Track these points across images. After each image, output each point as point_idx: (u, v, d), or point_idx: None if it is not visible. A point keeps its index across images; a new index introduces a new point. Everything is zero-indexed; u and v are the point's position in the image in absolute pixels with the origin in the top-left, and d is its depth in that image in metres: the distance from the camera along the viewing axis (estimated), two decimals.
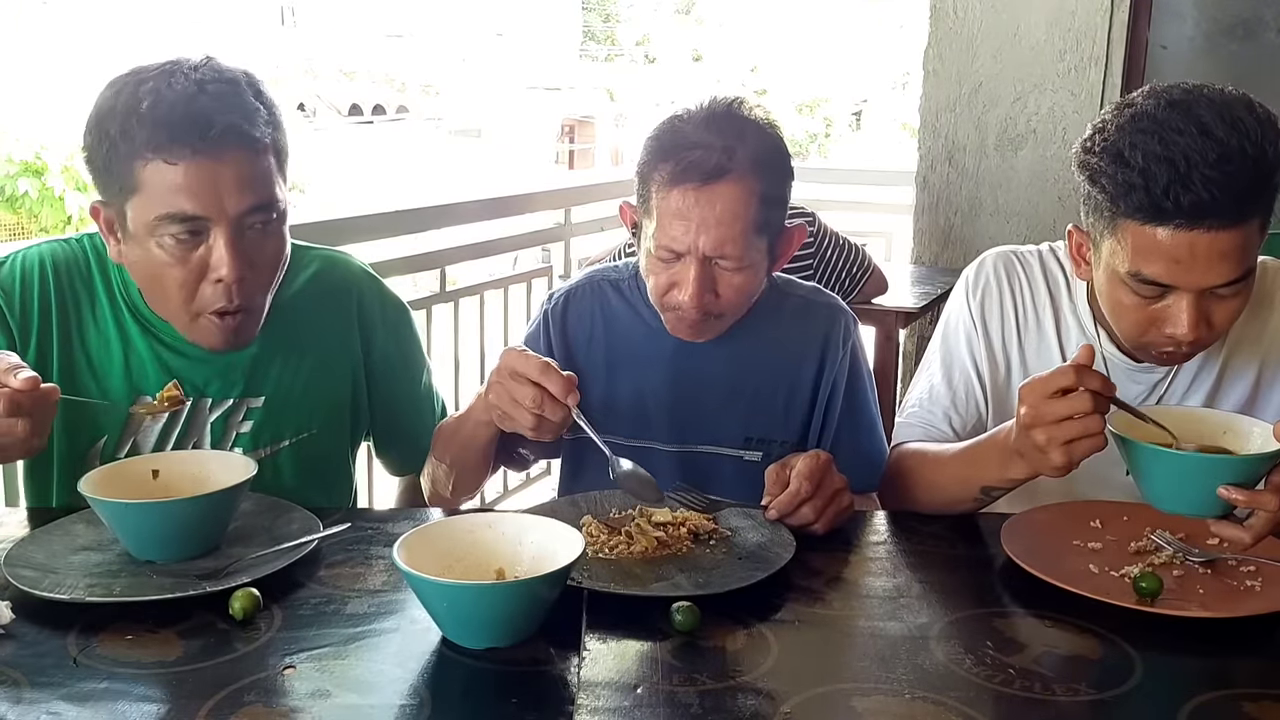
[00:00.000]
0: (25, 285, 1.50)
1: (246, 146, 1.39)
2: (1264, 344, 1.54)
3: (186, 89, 1.37)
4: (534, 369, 1.35)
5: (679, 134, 1.49)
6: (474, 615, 1.10)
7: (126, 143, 1.36)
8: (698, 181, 1.45)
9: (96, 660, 1.08)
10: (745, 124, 1.50)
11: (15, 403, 1.20)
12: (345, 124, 19.57)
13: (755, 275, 1.53)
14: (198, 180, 1.36)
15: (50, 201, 11.51)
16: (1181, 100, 1.33)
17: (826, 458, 1.41)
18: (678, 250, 1.48)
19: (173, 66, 1.40)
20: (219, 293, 1.42)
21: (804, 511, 1.37)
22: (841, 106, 24.63)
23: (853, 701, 1.03)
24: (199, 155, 1.36)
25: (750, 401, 1.63)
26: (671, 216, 1.47)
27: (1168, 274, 1.34)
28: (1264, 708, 1.03)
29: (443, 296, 3.19)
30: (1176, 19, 3.82)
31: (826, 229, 3.03)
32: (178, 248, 1.39)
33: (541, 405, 1.35)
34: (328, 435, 1.63)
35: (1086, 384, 1.24)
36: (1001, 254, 1.65)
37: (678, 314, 1.53)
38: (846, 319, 1.68)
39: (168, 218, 1.37)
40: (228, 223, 1.39)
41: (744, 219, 1.46)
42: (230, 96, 1.39)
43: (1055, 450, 1.25)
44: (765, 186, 1.48)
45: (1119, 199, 1.33)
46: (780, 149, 1.54)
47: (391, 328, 1.69)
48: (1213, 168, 1.27)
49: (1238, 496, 1.20)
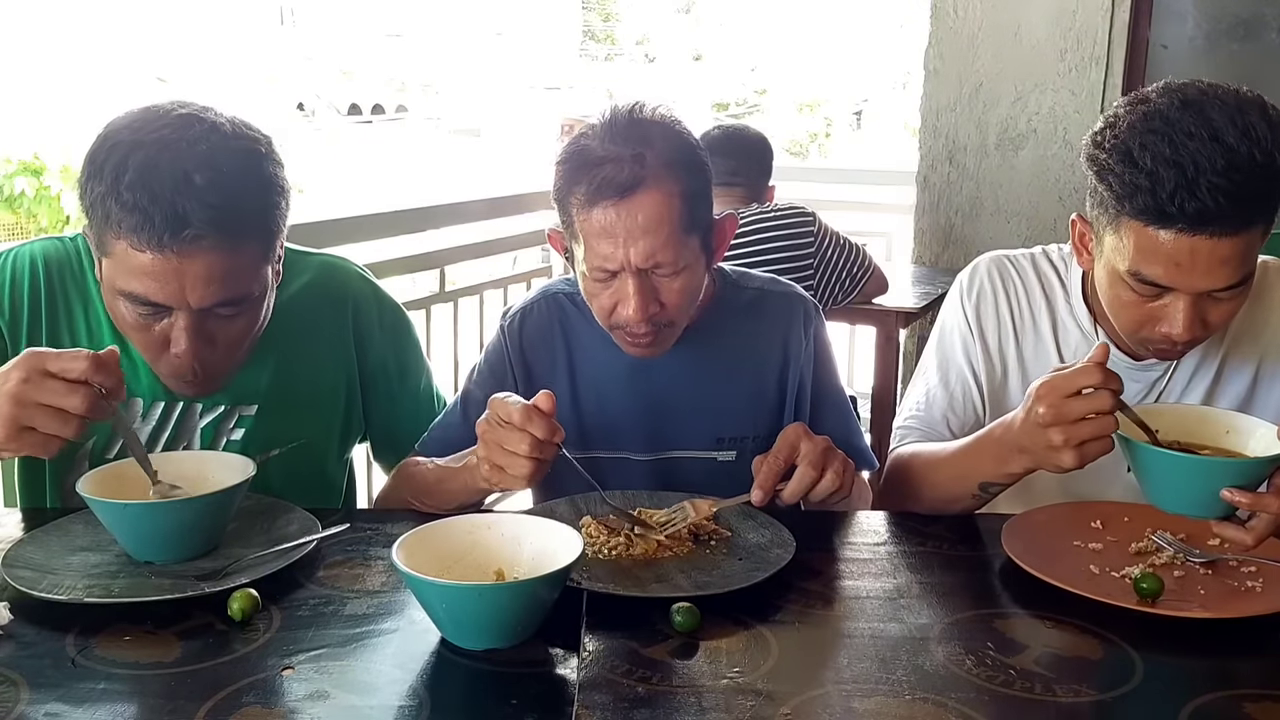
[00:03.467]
0: (16, 283, 1.50)
1: (222, 247, 1.32)
2: (1262, 342, 1.54)
3: (173, 175, 1.29)
4: (519, 415, 1.29)
5: (586, 152, 1.46)
6: (473, 616, 1.10)
7: (103, 211, 1.32)
8: (615, 196, 1.42)
9: (95, 661, 1.08)
10: (649, 127, 1.48)
11: (98, 365, 1.20)
12: (345, 123, 19.57)
13: (694, 275, 1.50)
14: (163, 272, 1.31)
15: (48, 201, 11.50)
16: (1195, 101, 1.32)
17: (799, 425, 1.41)
18: (611, 268, 1.46)
19: (172, 135, 1.31)
20: (177, 364, 1.39)
21: (802, 472, 1.35)
22: (841, 106, 24.61)
23: (853, 702, 1.03)
24: (167, 251, 1.30)
25: (717, 402, 1.61)
26: (597, 236, 1.45)
27: (1167, 276, 1.34)
28: (1265, 708, 1.03)
29: (442, 296, 3.19)
30: (1177, 19, 3.82)
31: (826, 229, 3.03)
32: (140, 319, 1.37)
33: (540, 450, 1.29)
34: (319, 443, 1.62)
35: (1108, 384, 1.24)
36: (995, 258, 1.66)
37: (626, 332, 1.50)
38: (806, 306, 1.66)
39: (130, 296, 1.34)
40: (189, 311, 1.35)
41: (669, 223, 1.44)
42: (217, 192, 1.30)
43: (1069, 451, 1.25)
44: (684, 185, 1.45)
45: (1124, 199, 1.33)
46: (690, 145, 1.51)
47: (389, 334, 1.68)
48: (1220, 175, 1.27)
49: (1240, 499, 1.20)
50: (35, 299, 1.50)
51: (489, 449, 1.32)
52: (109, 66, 13.02)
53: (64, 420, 1.20)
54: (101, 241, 1.35)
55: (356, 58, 21.43)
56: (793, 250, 2.96)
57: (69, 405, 1.19)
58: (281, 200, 1.40)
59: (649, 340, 1.51)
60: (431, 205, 3.34)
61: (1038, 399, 1.28)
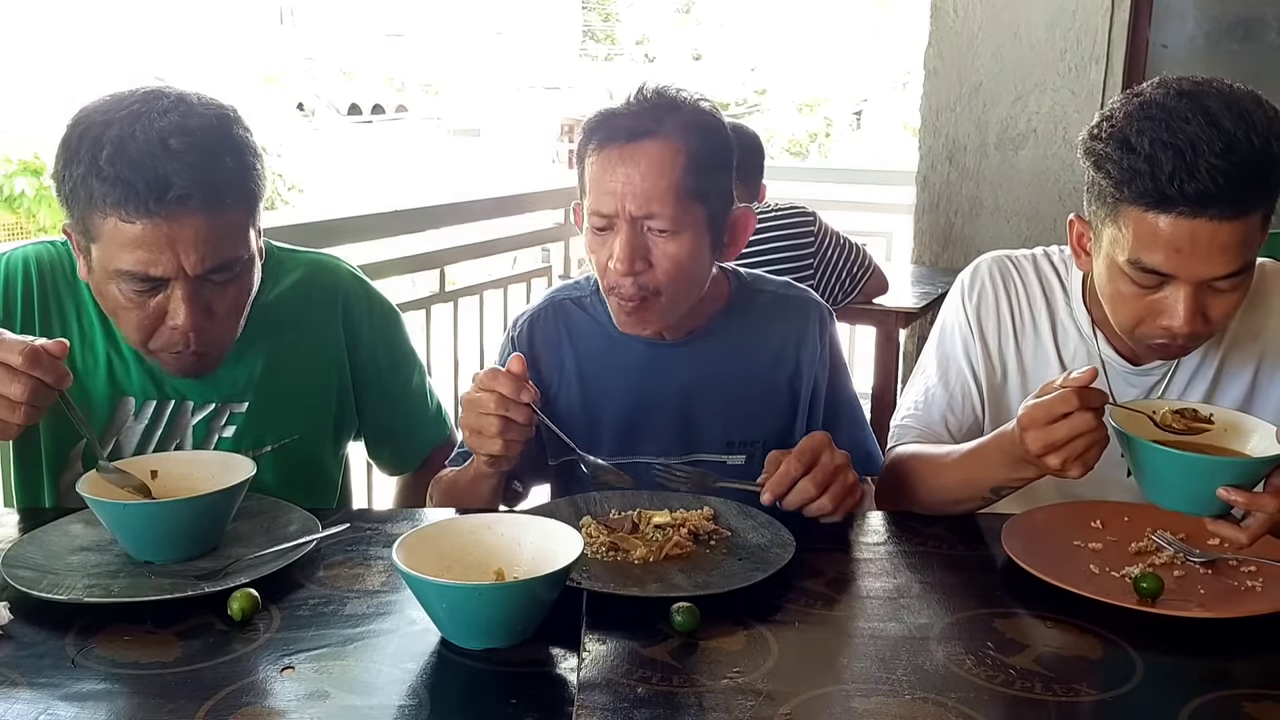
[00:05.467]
0: (9, 286, 1.50)
1: (208, 208, 1.34)
2: (1260, 344, 1.54)
3: (149, 142, 1.31)
4: (486, 377, 1.35)
5: (609, 109, 1.50)
6: (473, 616, 1.10)
7: (85, 191, 1.33)
8: (623, 141, 1.45)
9: (95, 661, 1.08)
10: (676, 99, 1.50)
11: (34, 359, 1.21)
12: (344, 123, 19.59)
13: (691, 246, 1.47)
14: (155, 240, 1.33)
15: (48, 200, 11.50)
16: (1191, 91, 1.33)
17: (823, 436, 1.40)
18: (606, 212, 1.46)
19: (142, 108, 1.34)
20: (176, 337, 1.40)
21: (804, 485, 1.36)
22: (842, 106, 24.61)
23: (853, 702, 1.03)
24: (155, 217, 1.31)
25: (728, 405, 1.60)
26: (599, 180, 1.46)
27: (1167, 263, 1.34)
28: (1265, 708, 1.03)
29: (442, 296, 3.18)
30: (1177, 18, 3.82)
31: (827, 228, 3.03)
32: (136, 296, 1.38)
33: (506, 407, 1.34)
34: (310, 440, 1.62)
35: (1088, 404, 1.25)
36: (996, 259, 1.65)
37: (617, 294, 1.49)
38: (821, 312, 1.66)
39: (125, 274, 1.35)
40: (185, 279, 1.36)
41: (670, 176, 1.43)
42: (195, 153, 1.33)
43: (1073, 466, 1.27)
44: (695, 148, 1.45)
45: (1123, 184, 1.33)
46: (713, 120, 1.51)
47: (379, 331, 1.68)
48: (1219, 157, 1.27)
49: (1236, 498, 1.21)
50: (28, 302, 1.50)
51: (466, 415, 1.38)
52: (109, 67, 13.00)
53: (10, 407, 1.23)
54: (88, 227, 1.36)
55: (356, 58, 21.45)
56: (793, 250, 2.96)
57: (11, 394, 1.22)
58: (257, 163, 1.42)
59: (634, 304, 1.49)
60: (431, 205, 3.33)
61: (1023, 431, 1.29)
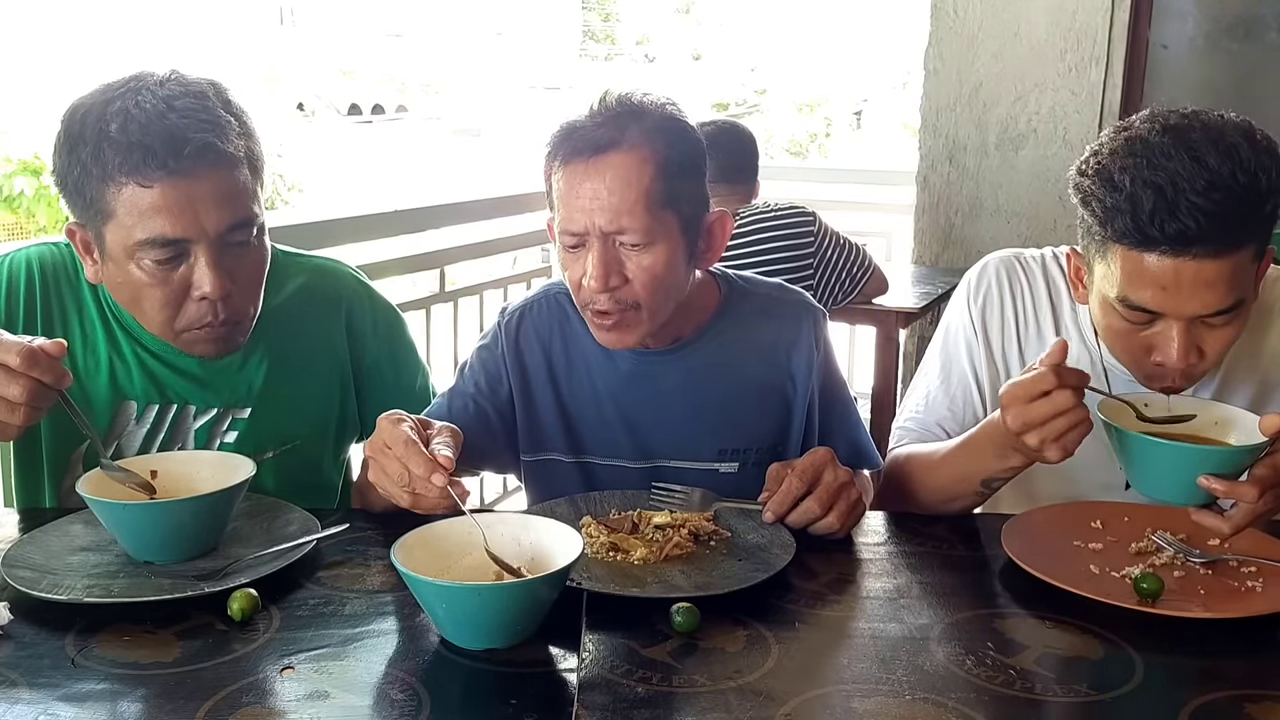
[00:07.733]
0: (12, 288, 1.50)
1: (222, 163, 1.36)
2: (1263, 358, 1.53)
3: (155, 107, 1.33)
4: (399, 444, 1.23)
5: (572, 122, 1.46)
6: (473, 616, 1.10)
7: (98, 167, 1.34)
8: (588, 154, 1.40)
9: (94, 661, 1.08)
10: (640, 105, 1.45)
11: (32, 359, 1.20)
12: (345, 123, 19.57)
13: (666, 256, 1.43)
14: (175, 201, 1.34)
15: (48, 200, 11.50)
16: (1177, 125, 1.32)
17: (826, 452, 1.39)
18: (576, 231, 1.42)
19: (137, 83, 1.36)
20: (204, 310, 1.41)
21: (808, 506, 1.35)
22: (841, 106, 24.59)
23: (853, 703, 1.03)
24: (174, 175, 1.33)
25: (720, 412, 1.57)
26: (567, 197, 1.42)
27: (1155, 300, 1.33)
28: (1265, 708, 1.03)
29: (442, 296, 3.19)
30: (1177, 19, 3.83)
31: (826, 228, 3.03)
32: (159, 269, 1.38)
33: (410, 484, 1.23)
34: (312, 446, 1.62)
35: (1065, 382, 1.24)
36: (1004, 259, 1.64)
37: (593, 310, 1.46)
38: (815, 315, 1.63)
39: (148, 243, 1.35)
40: (208, 242, 1.37)
41: (638, 187, 1.39)
42: (200, 112, 1.36)
43: (1049, 447, 1.26)
44: (663, 155, 1.41)
45: (1107, 223, 1.33)
46: (679, 124, 1.47)
47: (383, 336, 1.68)
48: (1200, 195, 1.26)
49: (1217, 486, 1.21)
50: (30, 303, 1.50)
51: (374, 474, 1.28)
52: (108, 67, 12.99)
53: (10, 408, 1.22)
54: (102, 206, 1.36)
55: (356, 58, 21.43)
56: (793, 250, 2.96)
57: (10, 395, 1.21)
58: (253, 125, 1.44)
59: (613, 320, 1.45)
60: (431, 205, 3.33)
61: (1004, 409, 1.29)
